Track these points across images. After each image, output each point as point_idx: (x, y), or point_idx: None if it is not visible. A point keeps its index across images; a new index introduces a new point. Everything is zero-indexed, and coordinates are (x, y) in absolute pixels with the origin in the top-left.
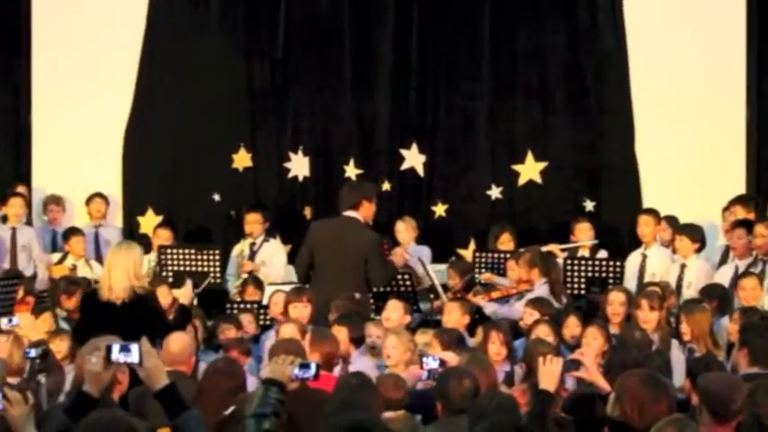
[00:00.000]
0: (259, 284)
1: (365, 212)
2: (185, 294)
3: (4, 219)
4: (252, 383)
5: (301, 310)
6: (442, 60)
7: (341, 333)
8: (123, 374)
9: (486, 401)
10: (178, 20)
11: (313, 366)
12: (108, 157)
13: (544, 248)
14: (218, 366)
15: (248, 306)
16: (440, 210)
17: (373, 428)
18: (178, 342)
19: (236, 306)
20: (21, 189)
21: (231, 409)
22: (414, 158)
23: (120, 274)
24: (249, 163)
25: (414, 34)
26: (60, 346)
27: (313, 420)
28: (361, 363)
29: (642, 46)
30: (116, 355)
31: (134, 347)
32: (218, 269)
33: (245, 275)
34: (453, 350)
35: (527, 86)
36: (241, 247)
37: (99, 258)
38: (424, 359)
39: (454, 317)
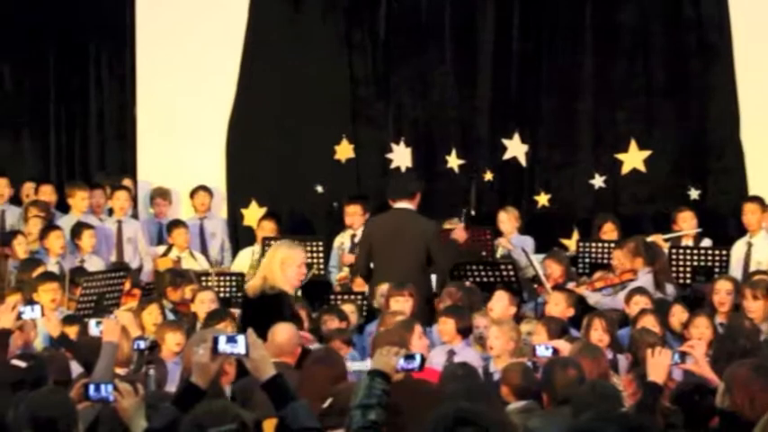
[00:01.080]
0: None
1: (417, 203)
2: None
3: (111, 212)
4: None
5: (403, 304)
6: (543, 49)
7: (448, 324)
8: (231, 365)
9: (588, 391)
10: (280, 11)
11: (418, 357)
12: (212, 149)
13: (648, 239)
14: (319, 356)
15: (351, 297)
16: (542, 199)
17: (479, 419)
18: (284, 333)
19: (338, 297)
20: (126, 182)
21: (329, 401)
22: (516, 148)
23: (259, 271)
24: (351, 154)
25: (515, 23)
26: (176, 338)
27: (418, 411)
28: (466, 353)
29: (748, 30)
30: (223, 346)
31: (240, 338)
32: (321, 260)
33: (346, 267)
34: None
35: (630, 73)
36: (342, 239)
37: (204, 250)
38: (537, 348)
39: (559, 308)
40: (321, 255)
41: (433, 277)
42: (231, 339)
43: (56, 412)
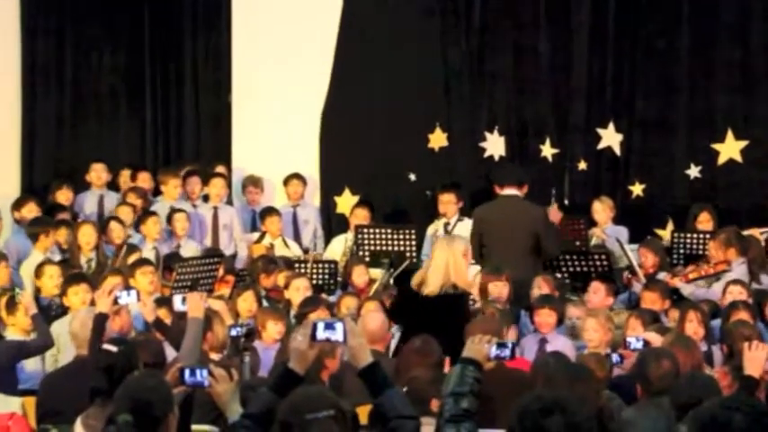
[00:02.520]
0: None
1: (524, 191)
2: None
3: (206, 198)
4: None
5: (501, 289)
6: (639, 38)
7: (542, 313)
8: (332, 360)
9: (687, 383)
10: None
11: (510, 345)
12: (306, 137)
13: (744, 233)
14: (415, 345)
15: None
16: (637, 189)
17: (567, 408)
18: (375, 320)
19: None
20: (221, 169)
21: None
22: (611, 137)
23: (436, 268)
24: (445, 143)
25: (611, 10)
26: (277, 327)
27: (509, 399)
28: (559, 342)
29: None
30: (321, 333)
31: (338, 326)
32: (414, 249)
33: None
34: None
35: (727, 63)
36: (435, 227)
37: (297, 238)
38: (629, 340)
39: (654, 305)
40: (414, 243)
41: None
42: (329, 326)
43: (153, 396)
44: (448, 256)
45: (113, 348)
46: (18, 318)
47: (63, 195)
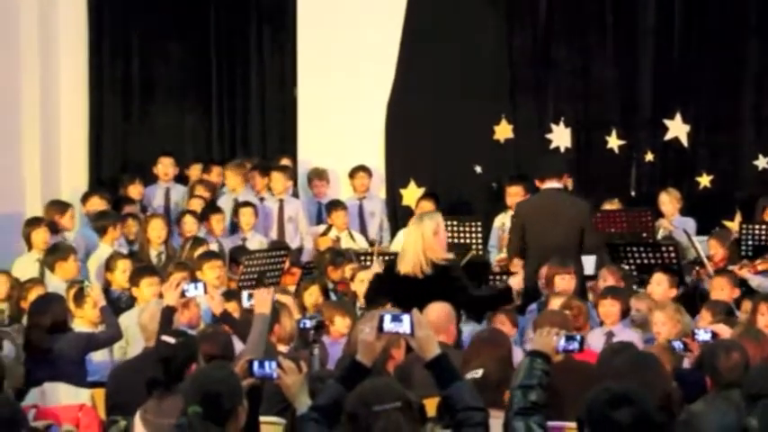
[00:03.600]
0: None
1: (565, 183)
2: None
3: (271, 191)
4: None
5: (569, 282)
6: (705, 28)
7: (608, 306)
8: (398, 349)
9: (757, 375)
10: None
11: (578, 338)
12: (371, 130)
13: None
14: (484, 336)
15: (509, 277)
16: (704, 180)
17: (635, 399)
18: (436, 311)
19: (497, 277)
20: (286, 162)
21: (480, 372)
22: (677, 128)
23: (408, 249)
24: (510, 134)
25: (677, 3)
26: (345, 321)
27: (578, 392)
28: (626, 335)
29: None
30: (388, 324)
31: (405, 318)
32: (479, 241)
33: (505, 250)
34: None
35: None
36: (502, 220)
37: (363, 230)
38: (697, 332)
39: (724, 291)
40: (480, 235)
41: (589, 258)
42: (396, 318)
43: (222, 387)
44: (416, 237)
45: (171, 340)
46: (86, 310)
47: (135, 189)
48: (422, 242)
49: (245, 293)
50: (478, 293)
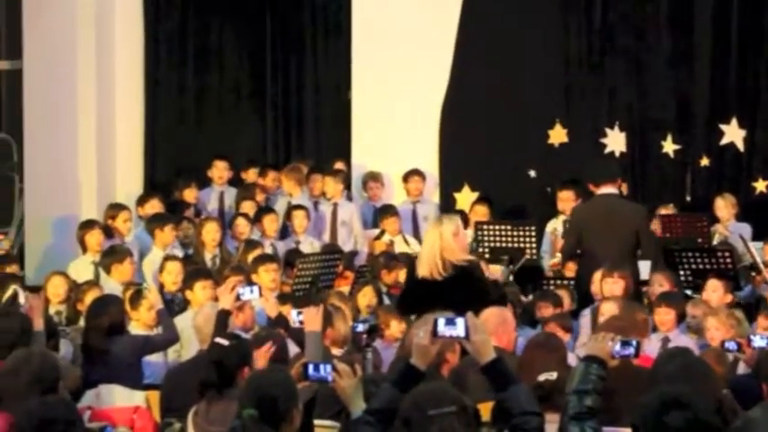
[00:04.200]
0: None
1: (619, 185)
2: None
3: (326, 195)
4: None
5: (611, 286)
6: (763, 31)
7: (664, 311)
8: (453, 353)
9: None
10: None
11: (634, 344)
12: (425, 133)
13: None
14: (539, 340)
15: (563, 282)
16: (761, 186)
17: (688, 403)
18: (491, 315)
19: (551, 282)
20: (341, 166)
21: (555, 374)
22: (733, 133)
23: (425, 251)
24: (565, 139)
25: (734, 6)
26: (400, 326)
27: (633, 397)
28: (681, 341)
29: None
30: (442, 328)
31: (460, 321)
32: (533, 245)
33: (559, 253)
34: None
35: None
36: (554, 225)
37: (416, 234)
38: (752, 337)
39: None
40: (533, 239)
41: (644, 263)
42: (450, 322)
43: (277, 391)
44: (433, 238)
45: (224, 342)
46: (141, 313)
47: (190, 193)
48: (439, 243)
49: (293, 311)
50: (495, 297)
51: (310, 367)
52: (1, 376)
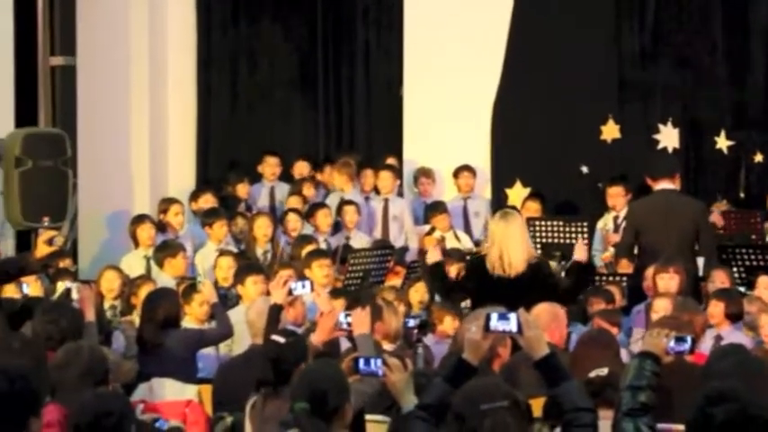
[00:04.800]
0: (632, 257)
1: (677, 181)
2: None
3: (377, 190)
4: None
5: (668, 282)
6: None
7: (717, 307)
8: (504, 348)
9: None
10: None
11: (689, 340)
12: (477, 129)
13: None
14: (592, 336)
15: (615, 278)
16: None
17: (736, 397)
18: (544, 311)
19: (602, 279)
20: (391, 161)
21: (605, 370)
22: None
23: (517, 247)
24: (617, 135)
25: None
26: (454, 323)
27: (687, 393)
28: (735, 338)
29: None
30: (494, 323)
31: (512, 316)
32: (585, 241)
33: (611, 247)
34: None
35: None
36: (605, 221)
37: (467, 230)
38: None
39: None
40: (585, 235)
41: (699, 260)
42: (503, 317)
43: (329, 385)
44: (514, 234)
45: (281, 340)
46: (194, 307)
47: (242, 188)
48: (520, 240)
49: (341, 314)
50: (566, 285)
51: (361, 362)
52: (52, 369)
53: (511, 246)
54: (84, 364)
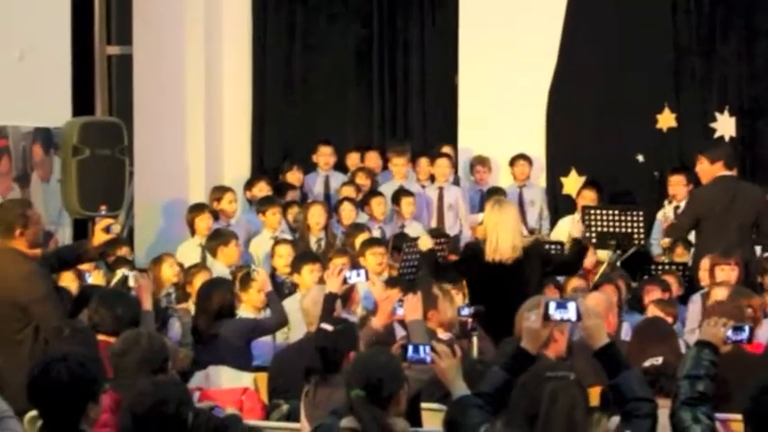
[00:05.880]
0: (687, 246)
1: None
2: None
3: (432, 178)
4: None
5: (728, 273)
6: None
7: None
8: (561, 334)
9: None
10: None
11: (747, 329)
12: (532, 117)
13: None
14: (649, 325)
15: (672, 267)
16: None
17: None
18: (593, 300)
19: (659, 268)
20: (447, 149)
21: (660, 359)
22: None
23: (507, 234)
24: (673, 123)
25: None
26: None
27: (745, 383)
28: None
29: None
30: (553, 311)
31: (571, 305)
32: (641, 231)
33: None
34: None
35: None
36: (665, 211)
37: (523, 218)
38: None
39: None
40: (642, 225)
41: (757, 248)
42: (561, 305)
43: (383, 373)
44: (511, 220)
45: (329, 328)
46: (251, 294)
47: (293, 176)
48: (511, 227)
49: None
50: (565, 258)
51: (410, 349)
52: (112, 356)
53: (501, 232)
54: (142, 351)
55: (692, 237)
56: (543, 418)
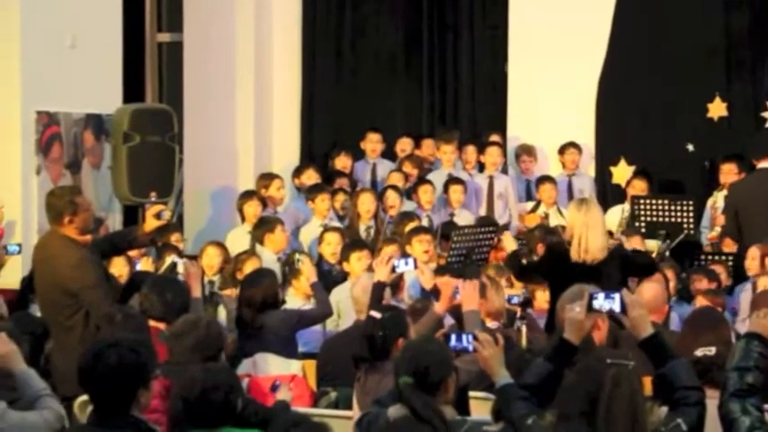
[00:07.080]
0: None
1: None
2: None
3: (482, 167)
4: None
5: None
6: None
7: None
8: (604, 321)
9: None
10: None
11: None
12: (582, 106)
13: None
14: (703, 315)
15: (721, 258)
16: None
17: None
18: (651, 290)
19: (708, 257)
20: (495, 138)
21: (713, 349)
22: None
23: (596, 234)
24: (724, 112)
25: None
26: (545, 296)
27: None
28: None
29: None
30: (598, 303)
31: (616, 296)
32: (691, 220)
33: (717, 228)
34: None
35: None
36: (714, 199)
37: None
38: None
39: None
40: (692, 214)
41: None
42: (607, 296)
43: (431, 360)
44: (598, 222)
45: (377, 315)
46: (301, 282)
47: (341, 162)
48: (599, 227)
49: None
50: (645, 261)
51: (452, 337)
52: (169, 337)
53: (590, 233)
54: (198, 336)
55: None
56: (606, 402)
